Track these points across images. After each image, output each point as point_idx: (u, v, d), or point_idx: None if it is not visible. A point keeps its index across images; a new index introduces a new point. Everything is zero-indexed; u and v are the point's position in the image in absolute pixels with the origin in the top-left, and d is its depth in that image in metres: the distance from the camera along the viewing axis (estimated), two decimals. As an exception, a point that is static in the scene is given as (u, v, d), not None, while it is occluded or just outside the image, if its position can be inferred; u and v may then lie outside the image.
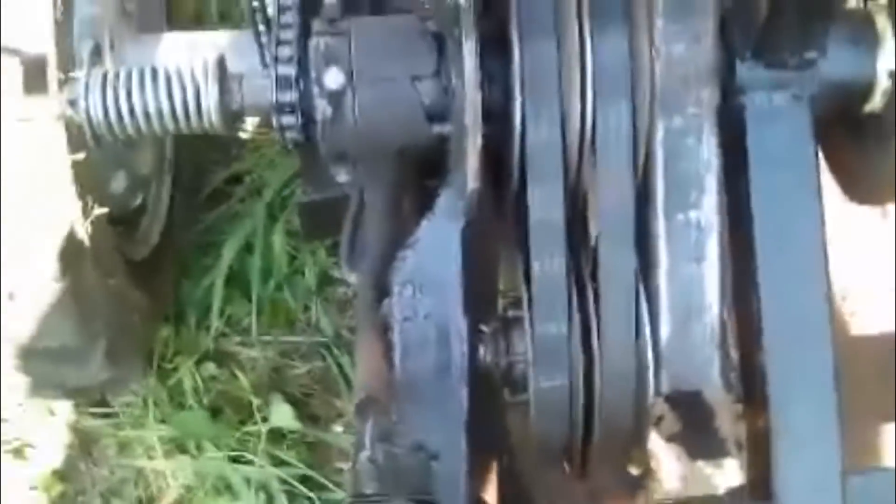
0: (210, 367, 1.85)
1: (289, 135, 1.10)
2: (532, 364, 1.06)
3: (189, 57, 1.48)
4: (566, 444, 1.09)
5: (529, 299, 1.06)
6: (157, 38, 1.60)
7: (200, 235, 1.95)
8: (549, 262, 1.05)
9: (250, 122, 1.60)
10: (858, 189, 1.23)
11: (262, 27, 1.21)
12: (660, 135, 1.08)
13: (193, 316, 1.89)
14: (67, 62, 1.35)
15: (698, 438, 1.36)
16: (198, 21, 2.03)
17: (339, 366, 1.83)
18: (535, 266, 1.05)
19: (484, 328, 1.11)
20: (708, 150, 1.08)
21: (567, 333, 1.05)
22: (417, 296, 1.09)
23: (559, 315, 1.05)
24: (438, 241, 1.09)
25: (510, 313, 1.10)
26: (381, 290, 1.14)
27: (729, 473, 1.33)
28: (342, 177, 1.17)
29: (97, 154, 1.39)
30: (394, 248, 1.16)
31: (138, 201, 1.71)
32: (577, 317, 1.05)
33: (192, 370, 1.84)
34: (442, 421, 1.05)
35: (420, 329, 1.08)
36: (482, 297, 1.15)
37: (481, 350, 1.10)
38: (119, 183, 1.64)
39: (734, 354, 1.18)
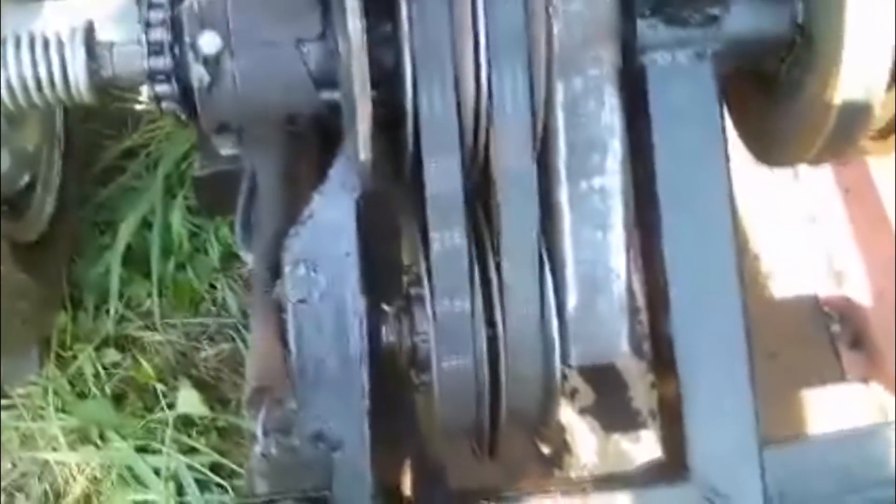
0: (111, 353, 1.76)
1: (165, 104, 1.02)
2: (434, 343, 1.01)
3: (67, 22, 1.41)
4: (473, 425, 1.04)
5: (430, 276, 1.01)
6: (37, 5, 1.50)
7: (95, 213, 1.85)
8: (448, 236, 1.00)
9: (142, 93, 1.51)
10: (767, 148, 1.19)
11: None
12: (559, 97, 1.02)
13: (91, 299, 1.80)
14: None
15: (613, 410, 1.34)
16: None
17: (247, 346, 1.76)
18: (435, 241, 1.00)
19: (386, 307, 1.06)
20: (610, 113, 1.04)
21: (470, 309, 1.00)
22: (311, 275, 1.03)
23: (461, 291, 1.00)
24: (332, 215, 1.03)
25: (413, 290, 1.05)
26: (277, 270, 1.08)
27: (646, 446, 1.31)
28: (227, 149, 1.10)
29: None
30: (288, 225, 1.10)
31: (25, 180, 1.62)
32: (479, 292, 1.01)
33: (93, 357, 1.75)
34: (343, 408, 1.00)
35: (316, 310, 1.02)
36: (383, 274, 1.09)
37: (383, 330, 1.05)
38: (3, 162, 1.55)
39: (644, 321, 1.15)
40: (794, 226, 1.59)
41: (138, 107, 1.79)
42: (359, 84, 0.93)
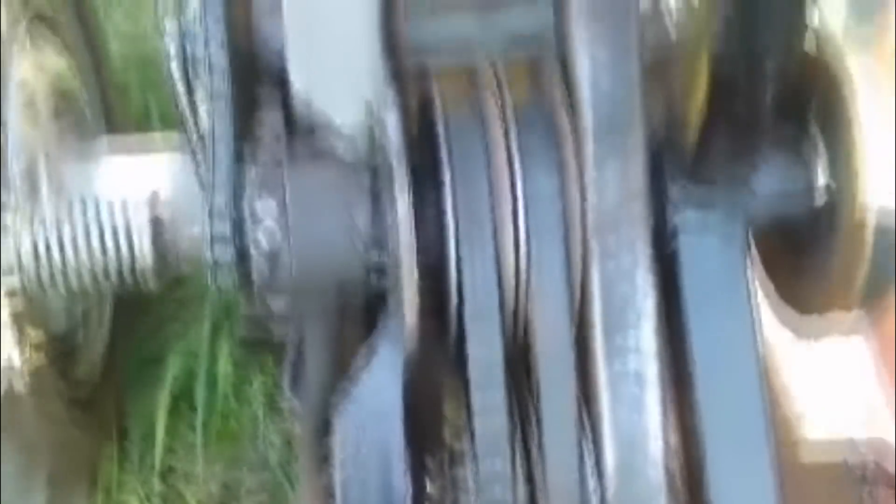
0: (157, 488, 1.80)
1: (222, 287, 1.09)
2: (475, 501, 1.04)
3: (127, 183, 1.49)
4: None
5: (472, 437, 1.05)
6: (94, 160, 1.57)
7: (142, 346, 1.91)
8: (490, 400, 1.05)
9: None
10: (799, 296, 1.24)
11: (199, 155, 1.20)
12: (595, 257, 1.08)
13: (138, 436, 1.85)
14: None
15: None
16: (140, 125, 2.02)
17: (291, 483, 1.79)
18: (476, 402, 1.05)
19: (429, 463, 1.10)
20: (643, 273, 1.09)
21: (511, 469, 1.05)
22: (359, 433, 1.07)
23: (501, 451, 1.04)
24: (380, 375, 1.08)
25: (455, 447, 1.09)
26: (323, 425, 1.13)
27: None
28: (279, 310, 1.15)
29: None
30: (335, 379, 1.15)
31: (79, 338, 1.67)
32: (520, 453, 1.05)
33: (139, 492, 1.79)
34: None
35: (362, 470, 1.06)
36: (427, 430, 1.14)
37: (427, 483, 1.09)
38: (58, 324, 1.60)
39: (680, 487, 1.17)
40: (828, 382, 1.61)
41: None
42: (407, 259, 1.00)
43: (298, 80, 0.99)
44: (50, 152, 1.53)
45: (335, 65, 0.99)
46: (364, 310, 1.21)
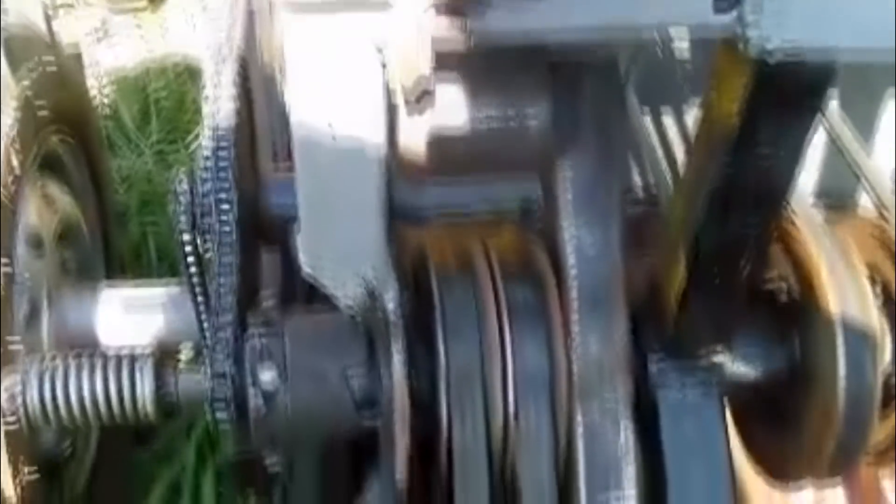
0: None
1: (221, 426, 1.12)
2: None
3: (127, 318, 1.52)
4: None
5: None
6: (94, 295, 1.61)
7: (128, 475, 1.93)
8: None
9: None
10: (772, 468, 1.29)
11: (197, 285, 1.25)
12: (579, 423, 1.13)
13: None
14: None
15: None
16: (136, 263, 2.08)
17: None
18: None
19: None
20: (625, 436, 1.14)
21: None
22: None
23: None
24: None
25: None
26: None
27: None
28: (272, 458, 1.19)
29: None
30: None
31: (67, 450, 1.70)
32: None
33: None
34: None
35: None
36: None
37: None
38: (48, 439, 1.63)
39: None
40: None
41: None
42: (399, 415, 1.05)
43: (305, 250, 1.05)
44: (53, 287, 1.57)
45: (341, 238, 1.05)
46: (352, 452, 1.26)
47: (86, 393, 1.14)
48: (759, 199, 0.99)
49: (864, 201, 1.38)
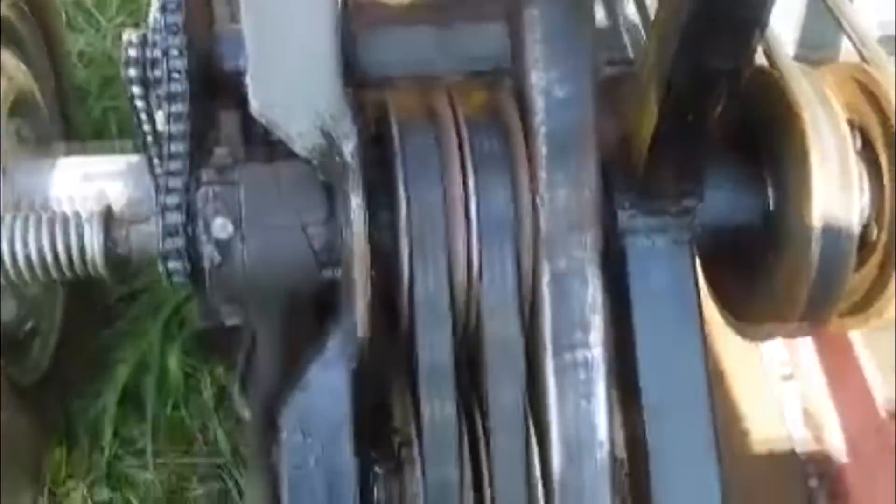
0: (104, 492, 1.79)
1: (175, 279, 1.09)
2: (424, 512, 1.06)
3: (83, 186, 1.48)
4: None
5: (420, 443, 1.06)
6: (50, 164, 1.57)
7: (94, 354, 1.91)
8: (438, 407, 1.06)
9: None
10: (743, 322, 1.26)
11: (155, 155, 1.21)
12: (546, 278, 1.10)
13: (86, 437, 1.84)
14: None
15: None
16: (98, 137, 2.02)
17: (238, 486, 1.80)
18: (425, 410, 1.06)
19: (377, 469, 1.11)
20: (593, 292, 1.11)
21: (458, 477, 1.06)
22: (307, 441, 1.08)
23: (450, 459, 1.06)
24: (328, 383, 1.09)
25: (403, 453, 1.10)
26: (273, 431, 1.13)
27: None
28: (232, 317, 1.16)
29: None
30: (285, 382, 1.16)
31: (29, 326, 1.67)
32: (468, 458, 1.06)
33: (85, 494, 1.79)
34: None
35: (310, 476, 1.07)
36: (375, 437, 1.14)
37: (375, 492, 1.10)
38: (9, 311, 1.60)
39: (625, 487, 1.20)
40: (772, 383, 1.64)
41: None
42: (360, 271, 1.01)
43: (256, 93, 1.00)
44: (8, 156, 1.52)
45: (292, 78, 0.99)
46: (314, 310, 1.22)
47: (32, 248, 1.10)
48: (733, 30, 0.95)
49: (845, 55, 1.33)
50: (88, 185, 1.41)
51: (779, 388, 1.65)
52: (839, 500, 1.61)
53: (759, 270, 1.19)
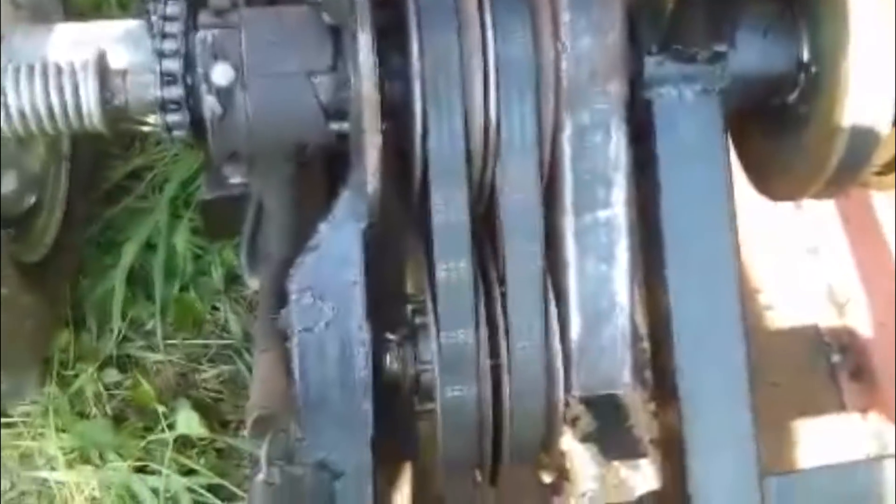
0: (112, 374, 1.77)
1: (175, 133, 1.03)
2: (438, 373, 1.01)
3: (80, 49, 1.42)
4: (476, 454, 1.05)
5: (435, 305, 1.02)
6: (47, 29, 1.50)
7: (99, 234, 1.86)
8: (454, 267, 1.01)
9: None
10: (771, 182, 1.20)
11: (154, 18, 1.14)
12: (567, 131, 1.04)
13: (94, 319, 1.80)
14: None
15: (613, 438, 1.34)
16: (96, 10, 1.94)
17: (249, 368, 1.77)
18: (440, 271, 1.01)
19: (390, 336, 1.06)
20: (616, 147, 1.05)
21: (475, 340, 1.01)
22: (317, 303, 1.03)
23: (465, 322, 1.01)
24: (339, 244, 1.04)
25: (418, 320, 1.05)
26: (282, 297, 1.09)
27: (646, 474, 1.31)
28: (235, 177, 1.10)
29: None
30: (296, 252, 1.11)
31: (31, 201, 1.63)
32: (484, 322, 1.02)
33: (94, 377, 1.76)
34: (346, 437, 1.00)
35: (321, 339, 1.02)
36: (389, 302, 1.10)
37: (387, 359, 1.05)
38: (9, 183, 1.55)
39: (646, 351, 1.15)
40: (795, 257, 1.59)
41: (145, 128, 1.80)
42: (369, 118, 0.94)
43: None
44: (4, 27, 1.46)
45: None
46: (324, 175, 1.17)
47: (25, 100, 1.04)
48: None
49: None
50: (85, 49, 1.34)
51: (803, 261, 1.60)
52: (862, 375, 1.58)
53: (790, 126, 1.13)
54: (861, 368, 1.57)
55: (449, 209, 1.01)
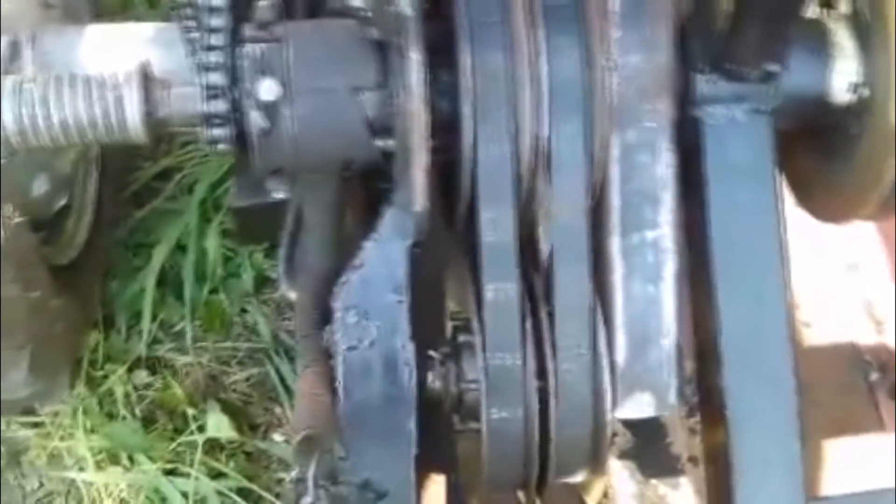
0: (142, 375, 1.76)
1: (220, 147, 1.02)
2: (484, 395, 1.00)
3: (113, 52, 1.41)
4: (521, 476, 1.04)
5: (481, 326, 1.00)
6: (79, 31, 1.49)
7: (129, 235, 1.85)
8: (501, 289, 0.99)
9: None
10: (818, 202, 1.19)
11: (190, 21, 1.13)
12: (615, 151, 1.02)
13: (124, 320, 1.80)
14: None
15: (652, 455, 1.33)
16: (125, 10, 1.93)
17: (278, 371, 1.76)
18: (488, 292, 0.99)
19: (433, 354, 1.05)
20: (664, 167, 1.04)
21: (521, 363, 1.00)
22: (362, 322, 1.02)
23: (512, 345, 1.00)
24: (384, 263, 1.02)
25: (461, 338, 1.04)
26: (323, 313, 1.07)
27: (685, 492, 1.30)
28: (279, 192, 1.09)
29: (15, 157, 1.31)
30: (335, 267, 1.10)
31: (62, 203, 1.62)
32: (531, 344, 1.00)
33: (124, 378, 1.75)
34: (390, 456, 0.99)
35: (365, 357, 1.01)
36: (431, 320, 1.09)
37: (430, 377, 1.04)
38: (41, 185, 1.55)
39: (690, 370, 1.14)
40: (834, 273, 1.57)
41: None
42: (418, 136, 0.93)
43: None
44: (35, 27, 1.45)
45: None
46: (366, 189, 1.16)
47: (67, 111, 1.02)
48: None
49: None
50: (122, 55, 1.33)
51: (841, 277, 1.58)
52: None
53: (840, 147, 1.11)
54: (900, 387, 1.55)
55: (497, 229, 0.99)
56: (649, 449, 1.29)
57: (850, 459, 1.36)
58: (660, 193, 1.04)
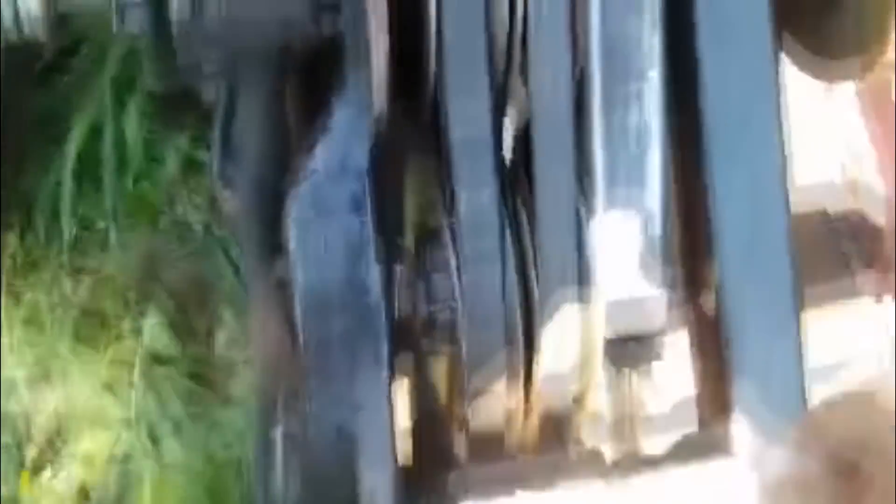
0: (66, 283, 1.60)
1: (133, 27, 0.85)
2: (462, 315, 0.88)
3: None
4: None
5: (454, 239, 0.87)
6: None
7: (37, 120, 1.65)
8: (476, 195, 0.86)
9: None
10: (823, 59, 1.07)
11: None
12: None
13: (42, 219, 1.62)
14: None
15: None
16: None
17: (213, 269, 1.61)
18: (461, 200, 0.86)
19: (398, 270, 0.92)
20: (651, 19, 0.90)
21: (501, 277, 0.87)
22: (319, 205, 0.87)
23: (491, 257, 0.87)
24: (339, 166, 0.88)
25: (430, 253, 0.91)
26: (268, 222, 0.93)
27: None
28: (207, 67, 0.93)
29: None
30: (280, 168, 0.95)
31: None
32: (511, 256, 0.88)
33: (47, 282, 1.59)
34: (363, 379, 0.87)
35: (325, 284, 0.87)
36: (392, 234, 0.95)
37: (397, 266, 0.91)
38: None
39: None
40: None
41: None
42: (376, 21, 0.78)
43: None
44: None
45: None
46: (311, 70, 0.99)
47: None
48: None
49: None
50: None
51: (812, 135, 1.48)
52: (874, 260, 1.49)
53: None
54: (874, 254, 1.48)
55: (470, 123, 0.85)
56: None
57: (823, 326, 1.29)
58: (647, 51, 0.91)
